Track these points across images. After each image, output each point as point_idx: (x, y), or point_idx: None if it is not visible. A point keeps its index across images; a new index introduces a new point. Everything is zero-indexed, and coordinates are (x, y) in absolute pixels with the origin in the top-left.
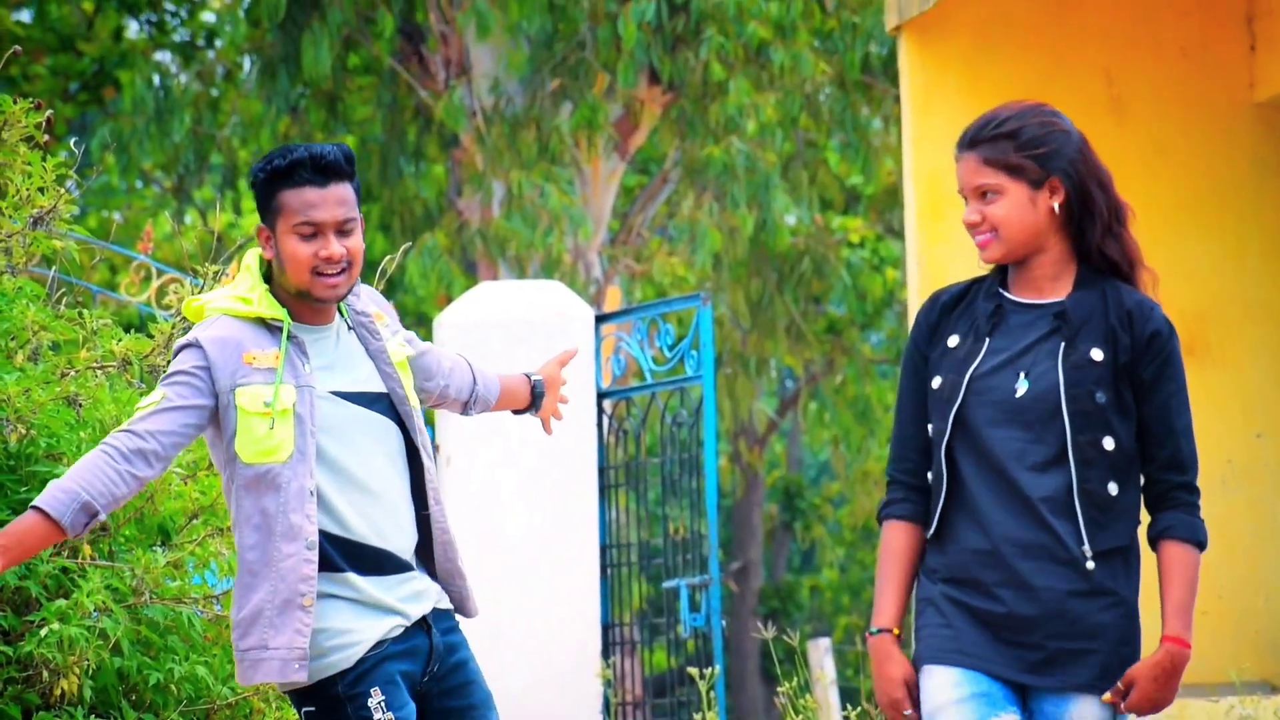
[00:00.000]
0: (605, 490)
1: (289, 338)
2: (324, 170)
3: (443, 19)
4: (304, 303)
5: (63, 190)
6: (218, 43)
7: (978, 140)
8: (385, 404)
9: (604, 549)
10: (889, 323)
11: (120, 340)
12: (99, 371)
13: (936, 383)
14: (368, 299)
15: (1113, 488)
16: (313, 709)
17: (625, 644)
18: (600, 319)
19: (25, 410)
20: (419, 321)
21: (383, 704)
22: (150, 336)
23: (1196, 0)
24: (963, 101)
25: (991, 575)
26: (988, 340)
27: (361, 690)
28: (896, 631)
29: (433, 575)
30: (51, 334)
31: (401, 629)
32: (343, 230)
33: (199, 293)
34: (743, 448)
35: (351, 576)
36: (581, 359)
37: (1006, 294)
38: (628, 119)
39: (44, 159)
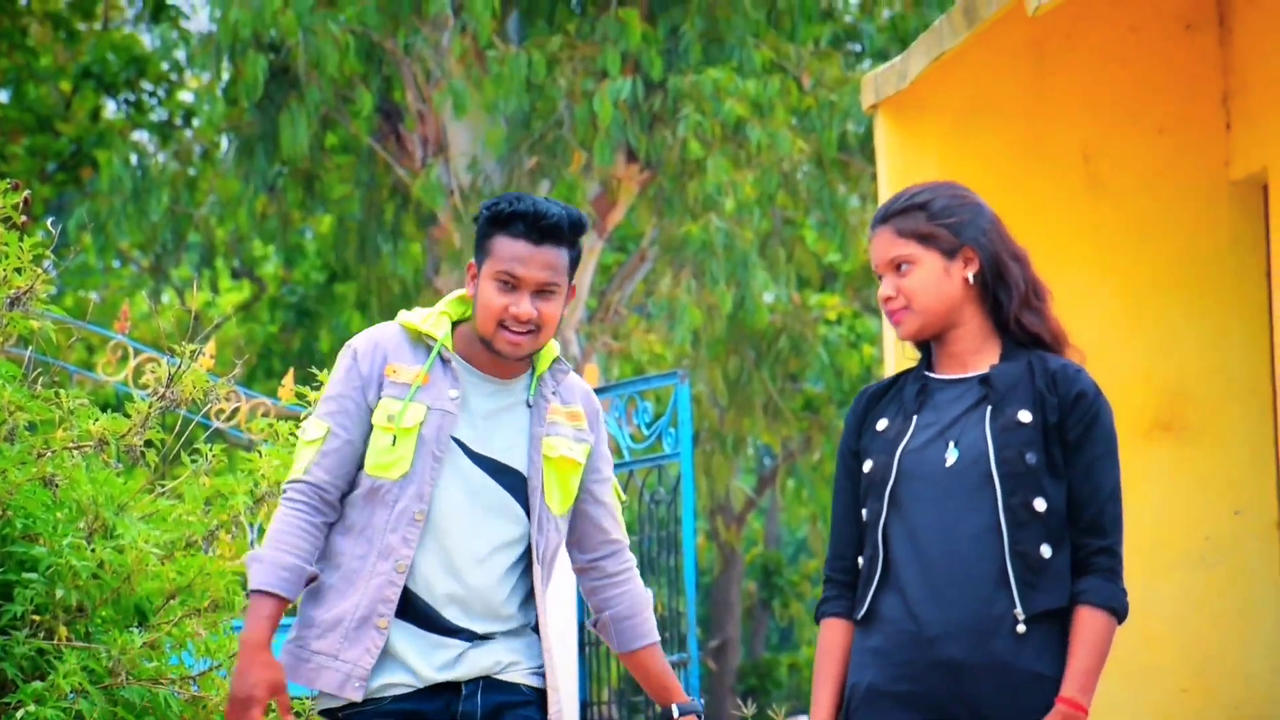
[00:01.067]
0: None
1: (442, 360)
2: (541, 230)
3: (420, 98)
4: (486, 351)
5: (40, 270)
6: (195, 122)
7: (890, 214)
8: (516, 481)
9: (582, 626)
10: None
11: (97, 420)
12: (76, 451)
13: (868, 466)
14: (578, 393)
15: (1046, 550)
16: None
17: None
18: None
19: (1, 491)
20: None
21: None
22: (127, 416)
23: (1174, 79)
24: (940, 179)
25: (922, 655)
26: (915, 418)
27: None
28: None
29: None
30: (28, 414)
31: (408, 690)
32: (542, 292)
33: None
34: (720, 525)
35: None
36: None
37: (931, 374)
38: (605, 197)
39: (21, 239)
